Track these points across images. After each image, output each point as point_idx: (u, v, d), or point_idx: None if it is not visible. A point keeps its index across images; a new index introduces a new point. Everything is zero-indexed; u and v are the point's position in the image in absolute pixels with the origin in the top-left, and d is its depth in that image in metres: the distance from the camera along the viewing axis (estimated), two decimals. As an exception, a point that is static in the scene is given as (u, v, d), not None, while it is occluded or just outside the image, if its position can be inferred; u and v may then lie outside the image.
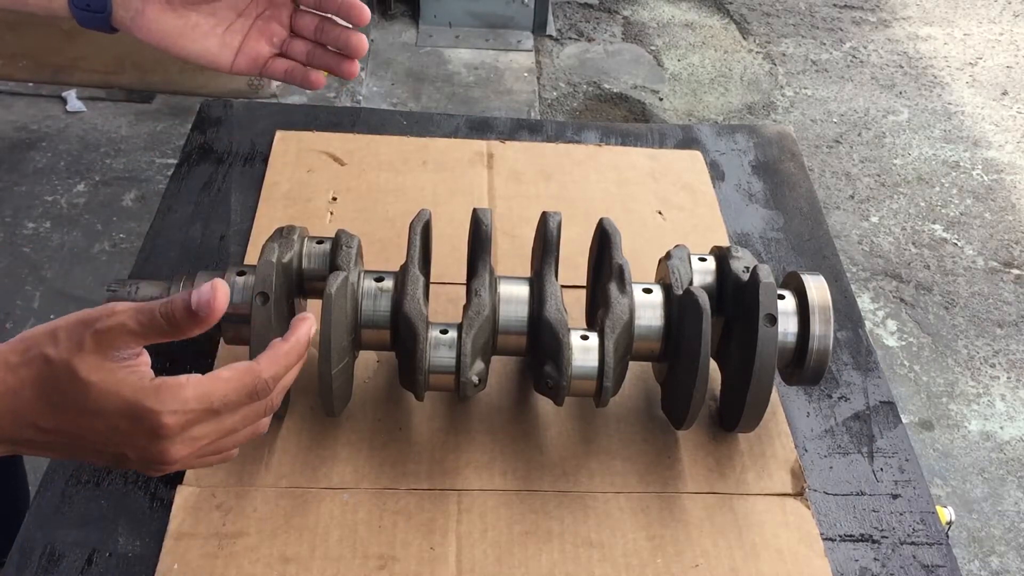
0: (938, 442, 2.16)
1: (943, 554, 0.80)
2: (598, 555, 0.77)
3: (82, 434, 0.57)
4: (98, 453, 0.59)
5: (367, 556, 0.75)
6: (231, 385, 0.59)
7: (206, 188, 1.09)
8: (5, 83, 2.79)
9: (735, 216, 1.13)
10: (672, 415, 0.84)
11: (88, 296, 2.17)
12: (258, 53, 0.82)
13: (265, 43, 0.82)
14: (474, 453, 0.83)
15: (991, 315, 2.49)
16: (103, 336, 0.56)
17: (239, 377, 0.59)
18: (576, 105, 3.11)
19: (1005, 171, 3.01)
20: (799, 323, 0.82)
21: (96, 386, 0.55)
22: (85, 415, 0.56)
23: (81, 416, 0.56)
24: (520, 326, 0.81)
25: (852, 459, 0.87)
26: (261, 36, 0.82)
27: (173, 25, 0.78)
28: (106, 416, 0.56)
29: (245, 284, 0.79)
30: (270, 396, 0.61)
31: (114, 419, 0.56)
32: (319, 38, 0.84)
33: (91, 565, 0.73)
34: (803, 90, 3.30)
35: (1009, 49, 3.64)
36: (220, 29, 0.80)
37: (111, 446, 0.58)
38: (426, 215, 0.85)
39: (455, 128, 1.22)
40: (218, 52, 0.80)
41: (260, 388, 0.60)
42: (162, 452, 0.58)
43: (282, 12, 0.82)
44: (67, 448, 0.59)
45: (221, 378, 0.59)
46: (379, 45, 3.26)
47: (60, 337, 0.56)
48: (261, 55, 0.82)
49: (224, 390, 0.58)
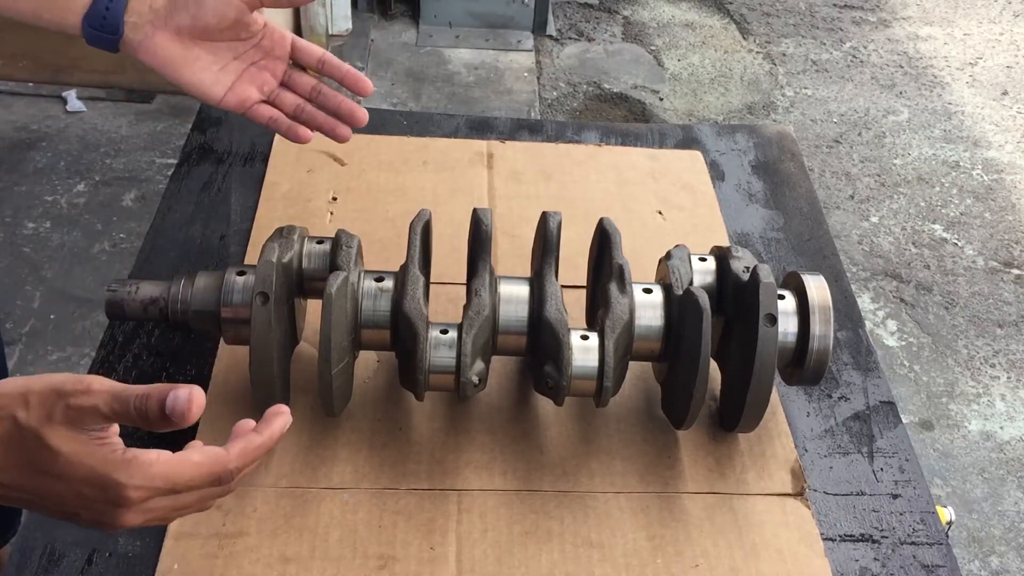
0: (938, 442, 2.16)
1: (943, 554, 0.80)
2: (598, 555, 0.77)
3: (42, 494, 0.59)
4: (51, 511, 0.61)
5: (367, 556, 0.75)
6: (199, 471, 0.61)
7: (206, 188, 1.09)
8: (5, 83, 2.79)
9: (735, 216, 1.13)
10: (672, 415, 0.84)
11: (88, 296, 2.17)
12: (247, 95, 0.86)
13: (255, 88, 0.87)
14: (474, 453, 0.83)
15: (991, 315, 2.49)
16: (74, 412, 0.57)
17: (208, 464, 0.62)
18: (576, 105, 3.11)
19: (1005, 171, 3.01)
20: (799, 323, 0.82)
21: (66, 456, 0.57)
22: (49, 478, 0.58)
23: (45, 478, 0.58)
24: (520, 326, 0.81)
25: (852, 459, 0.87)
26: (252, 81, 0.86)
27: (177, 54, 0.83)
28: (71, 482, 0.58)
29: (245, 284, 0.79)
30: (231, 484, 0.64)
31: (79, 486, 0.58)
32: (316, 99, 0.89)
33: (91, 565, 0.73)
34: (803, 90, 3.30)
35: (1009, 49, 3.64)
36: (216, 67, 0.84)
37: (68, 507, 0.60)
38: (426, 215, 0.85)
39: (455, 128, 1.22)
40: (211, 86, 0.84)
41: (224, 476, 0.62)
42: (115, 518, 0.60)
43: (276, 65, 0.87)
44: (20, 501, 0.60)
45: (191, 461, 0.61)
46: (379, 45, 3.26)
47: (32, 403, 0.57)
48: (249, 98, 0.86)
49: (191, 475, 0.60)
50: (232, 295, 0.79)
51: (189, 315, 0.80)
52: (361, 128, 0.89)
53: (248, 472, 0.66)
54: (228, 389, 0.86)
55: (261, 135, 1.17)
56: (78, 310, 2.15)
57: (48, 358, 2.05)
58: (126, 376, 0.87)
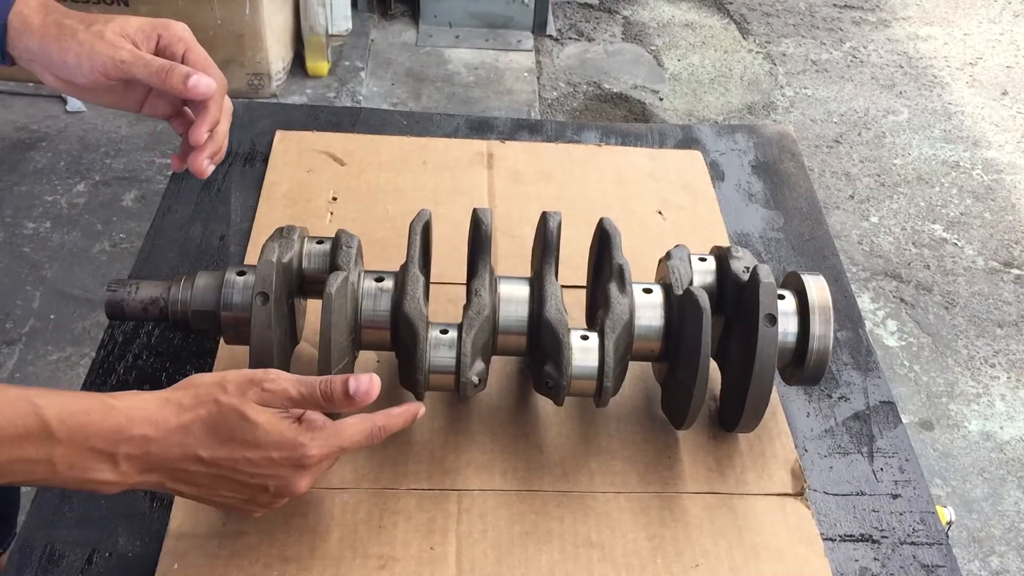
0: (938, 442, 2.16)
1: (943, 554, 0.80)
2: (598, 555, 0.77)
3: (237, 465, 0.67)
4: (241, 485, 0.68)
5: (367, 556, 0.75)
6: (359, 432, 0.71)
7: (206, 188, 1.09)
8: (5, 83, 2.79)
9: (735, 216, 1.13)
10: (672, 415, 0.84)
11: (88, 296, 2.17)
12: (161, 112, 0.89)
13: (165, 104, 0.88)
14: (474, 453, 0.83)
15: (991, 315, 2.49)
16: (267, 395, 0.67)
17: (364, 426, 0.72)
18: (576, 105, 3.11)
19: (1005, 171, 3.01)
20: (799, 323, 0.82)
21: (263, 425, 0.66)
22: (247, 447, 0.66)
23: (243, 448, 0.66)
24: (520, 326, 0.81)
25: (852, 459, 0.87)
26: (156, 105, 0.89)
27: (74, 90, 0.86)
28: (264, 448, 0.67)
29: (245, 284, 0.79)
30: (380, 439, 0.73)
31: (271, 450, 0.67)
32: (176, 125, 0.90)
33: (91, 565, 0.73)
34: (803, 90, 3.30)
35: (1009, 49, 3.64)
36: (116, 97, 0.87)
37: (257, 477, 0.68)
38: (426, 215, 0.85)
39: (455, 128, 1.22)
40: (124, 107, 0.88)
41: (375, 434, 0.72)
42: (297, 481, 0.69)
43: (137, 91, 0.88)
44: (215, 479, 0.68)
45: (352, 424, 0.71)
46: (379, 45, 3.26)
47: (229, 388, 0.67)
48: (164, 114, 0.89)
49: (353, 435, 0.71)
50: (232, 295, 0.79)
51: (189, 315, 0.80)
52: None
53: (393, 429, 0.74)
54: (228, 389, 0.86)
55: (261, 135, 1.17)
56: (78, 310, 2.15)
57: (48, 358, 2.05)
58: (126, 376, 0.87)
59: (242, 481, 0.68)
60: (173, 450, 0.65)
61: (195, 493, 0.68)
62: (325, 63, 3.05)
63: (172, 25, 0.85)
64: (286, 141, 1.16)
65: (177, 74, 0.80)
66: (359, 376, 0.69)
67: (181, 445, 0.65)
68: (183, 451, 0.65)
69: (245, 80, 2.93)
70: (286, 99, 2.92)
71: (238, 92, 2.91)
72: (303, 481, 0.70)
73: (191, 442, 0.65)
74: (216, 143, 0.85)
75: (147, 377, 0.87)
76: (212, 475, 0.67)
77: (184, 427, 0.65)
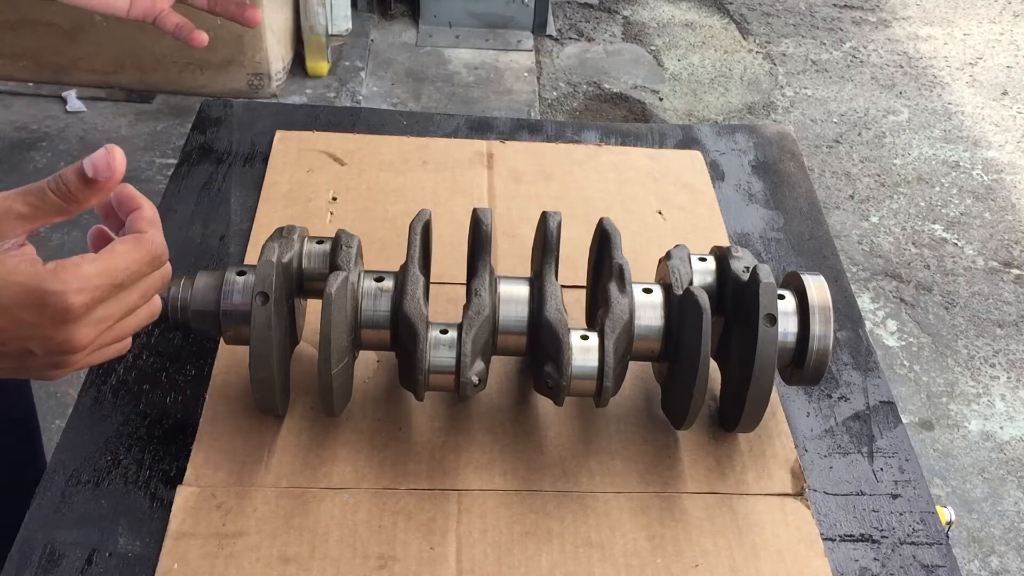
0: (938, 442, 2.16)
1: (943, 554, 0.80)
2: (598, 555, 0.77)
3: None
4: (2, 355, 0.56)
5: (367, 556, 0.75)
6: (132, 255, 0.57)
7: (206, 188, 1.09)
8: (5, 83, 2.79)
9: (735, 216, 1.13)
10: (672, 415, 0.84)
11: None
12: (151, 4, 0.86)
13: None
14: (474, 453, 0.83)
15: (991, 315, 2.49)
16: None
17: (135, 245, 0.58)
18: (576, 105, 3.11)
19: (1005, 171, 3.01)
20: (799, 323, 0.82)
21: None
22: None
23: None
24: (520, 326, 0.81)
25: (852, 459, 0.87)
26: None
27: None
28: (7, 311, 0.53)
29: (245, 284, 0.79)
30: (165, 263, 0.61)
31: (15, 311, 0.53)
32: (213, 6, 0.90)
33: (91, 565, 0.73)
34: (803, 90, 3.30)
35: (1009, 49, 3.64)
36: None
37: (14, 342, 0.55)
38: (426, 215, 0.85)
39: (455, 128, 1.22)
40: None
41: (156, 251, 0.59)
42: (69, 339, 0.55)
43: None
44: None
45: (119, 250, 0.57)
46: (379, 45, 3.26)
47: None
48: (154, 7, 0.87)
49: (126, 262, 0.57)
50: (232, 295, 0.79)
51: (189, 315, 0.80)
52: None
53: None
54: (228, 389, 0.86)
55: (261, 135, 1.17)
56: (78, 310, 2.15)
57: (48, 358, 2.04)
58: (126, 376, 0.87)
59: (4, 364, 0.56)
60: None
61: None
62: (325, 63, 3.05)
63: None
64: (286, 141, 1.16)
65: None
66: (92, 154, 0.55)
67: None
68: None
69: (245, 80, 2.93)
70: (286, 99, 2.92)
71: (238, 92, 2.91)
72: (79, 334, 0.56)
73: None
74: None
75: (147, 377, 0.87)
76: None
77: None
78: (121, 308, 0.59)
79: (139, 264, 0.58)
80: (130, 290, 0.59)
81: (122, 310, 0.59)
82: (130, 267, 0.57)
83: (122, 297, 0.58)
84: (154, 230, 0.60)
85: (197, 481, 0.79)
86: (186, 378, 0.87)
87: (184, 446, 0.81)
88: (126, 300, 0.59)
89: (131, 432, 0.82)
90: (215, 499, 0.78)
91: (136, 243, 0.58)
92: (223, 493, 0.78)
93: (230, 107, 1.21)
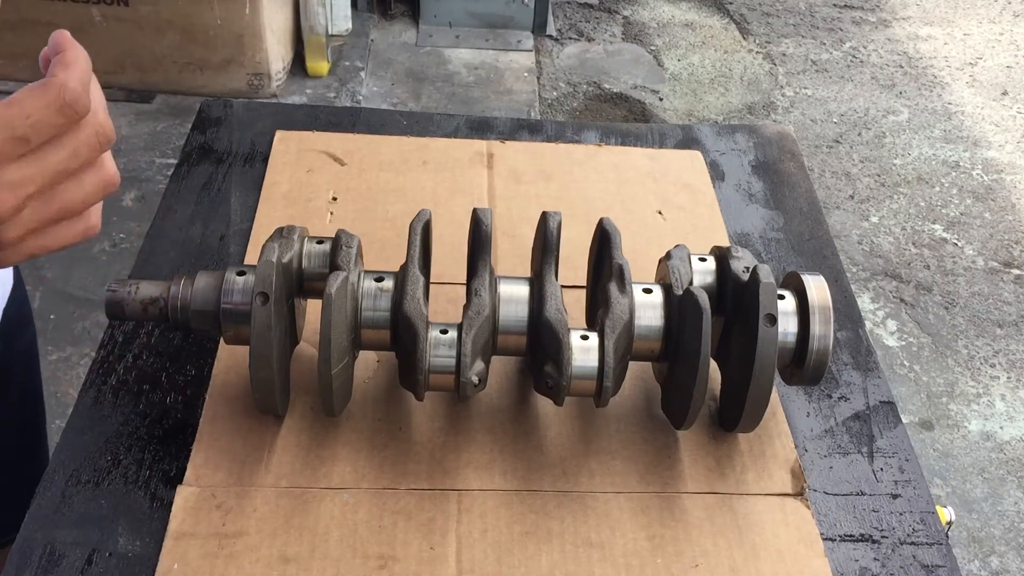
0: (938, 442, 2.16)
1: (943, 554, 0.80)
2: (598, 555, 0.77)
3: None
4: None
5: (367, 556, 0.75)
6: (33, 103, 0.47)
7: (206, 188, 1.09)
8: (5, 83, 2.79)
9: (735, 216, 1.13)
10: (672, 415, 0.84)
11: (88, 296, 2.17)
12: None
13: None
14: (474, 453, 0.83)
15: (991, 315, 2.49)
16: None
17: (41, 93, 0.48)
18: (576, 105, 3.11)
19: (1005, 171, 3.01)
20: (799, 323, 0.82)
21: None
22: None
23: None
24: (520, 326, 0.81)
25: (852, 459, 0.87)
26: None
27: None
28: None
29: (245, 284, 0.79)
30: (94, 115, 0.51)
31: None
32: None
33: (91, 565, 0.73)
34: (803, 90, 3.30)
35: (1009, 49, 3.64)
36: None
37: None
38: (426, 215, 0.85)
39: (455, 128, 1.22)
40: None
41: (71, 98, 0.48)
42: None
43: None
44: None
45: (17, 99, 0.48)
46: (379, 45, 3.26)
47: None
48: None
49: (25, 110, 0.47)
50: (232, 295, 0.79)
51: (189, 315, 0.80)
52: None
53: (100, 101, 0.52)
54: (228, 389, 0.86)
55: (261, 135, 1.17)
56: (78, 310, 2.15)
57: (48, 358, 2.05)
58: (126, 376, 0.87)
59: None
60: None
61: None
62: (325, 63, 3.05)
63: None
64: (286, 141, 1.16)
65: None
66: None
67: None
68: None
69: (245, 80, 2.93)
70: (286, 99, 2.92)
71: (238, 92, 2.91)
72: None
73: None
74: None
75: (147, 377, 0.87)
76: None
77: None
78: (44, 169, 0.49)
79: (44, 112, 0.48)
80: (50, 148, 0.49)
81: (46, 172, 0.50)
82: (32, 116, 0.47)
83: (42, 156, 0.49)
84: (68, 74, 0.49)
85: (197, 481, 0.79)
86: (186, 378, 0.87)
87: (184, 446, 0.81)
88: (48, 159, 0.50)
89: (131, 432, 0.82)
90: (215, 499, 0.78)
91: (41, 89, 0.48)
92: (223, 493, 0.78)
93: (230, 107, 1.21)
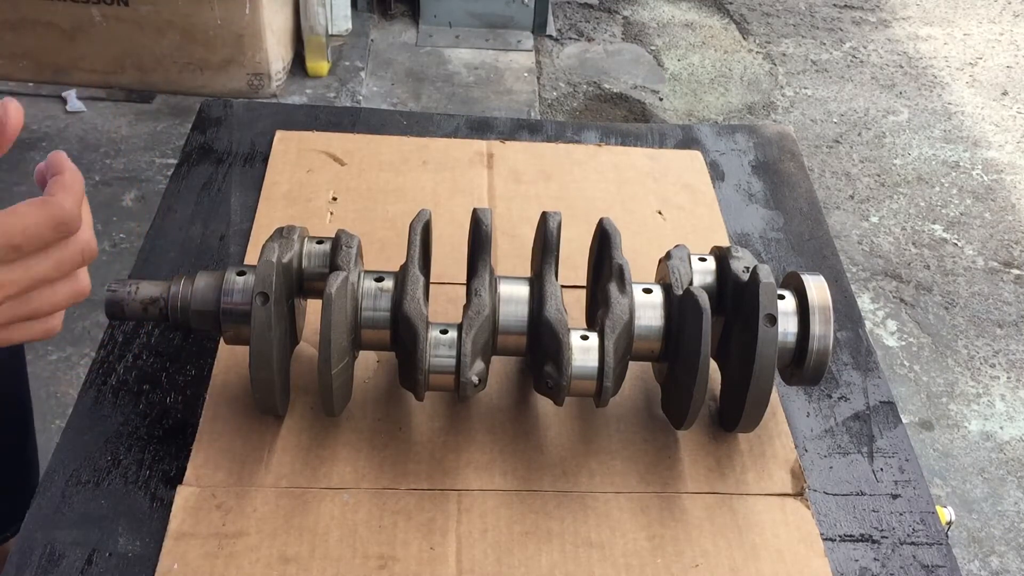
0: (938, 442, 2.16)
1: (943, 554, 0.80)
2: (598, 555, 0.77)
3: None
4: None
5: (367, 556, 0.75)
6: (31, 218, 0.52)
7: (206, 188, 1.09)
8: (5, 83, 2.79)
9: (735, 216, 1.13)
10: (672, 415, 0.84)
11: (88, 296, 2.17)
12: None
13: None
14: (474, 453, 0.83)
15: (991, 315, 2.49)
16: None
17: (40, 208, 0.53)
18: (576, 105, 3.11)
19: (1005, 171, 3.01)
20: (799, 323, 0.82)
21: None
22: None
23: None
24: (520, 326, 0.81)
25: (852, 459, 0.87)
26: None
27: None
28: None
29: (245, 284, 0.79)
30: (82, 233, 0.56)
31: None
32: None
33: (91, 565, 0.73)
34: (803, 90, 3.30)
35: (1009, 49, 3.64)
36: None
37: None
38: (426, 215, 0.85)
39: (455, 128, 1.22)
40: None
41: (67, 218, 0.53)
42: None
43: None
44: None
45: (17, 211, 0.52)
46: (379, 45, 3.26)
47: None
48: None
49: (24, 223, 0.52)
50: (232, 295, 0.79)
51: (189, 315, 0.80)
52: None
53: (87, 220, 0.57)
54: (228, 389, 0.86)
55: (261, 135, 1.17)
56: (78, 310, 2.15)
57: (48, 358, 2.05)
58: (126, 376, 0.87)
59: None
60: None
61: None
62: (325, 63, 3.05)
63: None
64: (286, 141, 1.16)
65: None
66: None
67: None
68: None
69: (245, 80, 2.93)
70: (286, 99, 2.92)
71: (238, 92, 2.91)
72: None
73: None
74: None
75: (147, 377, 0.87)
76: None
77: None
78: (28, 276, 0.54)
79: (39, 228, 0.53)
80: (38, 258, 0.54)
81: (29, 278, 0.54)
82: (28, 229, 0.52)
83: (30, 264, 0.54)
84: (65, 195, 0.55)
85: (197, 481, 0.79)
86: (186, 378, 0.87)
87: (184, 446, 0.81)
88: (34, 268, 0.54)
89: (131, 432, 0.82)
90: (215, 499, 0.78)
91: (40, 205, 0.53)
92: (223, 493, 0.78)
93: (230, 107, 1.21)
